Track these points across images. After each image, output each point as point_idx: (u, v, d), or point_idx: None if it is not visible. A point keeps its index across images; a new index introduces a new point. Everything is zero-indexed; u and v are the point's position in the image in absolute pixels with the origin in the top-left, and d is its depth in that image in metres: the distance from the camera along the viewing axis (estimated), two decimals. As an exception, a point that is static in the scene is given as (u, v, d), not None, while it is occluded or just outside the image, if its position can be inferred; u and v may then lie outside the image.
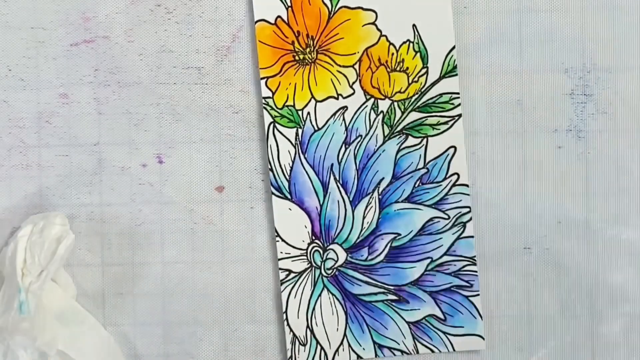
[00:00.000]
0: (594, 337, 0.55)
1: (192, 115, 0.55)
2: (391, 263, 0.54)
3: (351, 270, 0.55)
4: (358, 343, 0.54)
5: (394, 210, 0.55)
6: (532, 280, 0.55)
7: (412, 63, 0.54)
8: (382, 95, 0.54)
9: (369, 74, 0.54)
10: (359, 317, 0.54)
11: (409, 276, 0.54)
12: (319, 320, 0.54)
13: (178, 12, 0.55)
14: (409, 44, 0.54)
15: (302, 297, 0.54)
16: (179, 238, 0.55)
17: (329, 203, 0.55)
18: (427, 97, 0.54)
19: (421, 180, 0.55)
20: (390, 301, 0.54)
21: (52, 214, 0.53)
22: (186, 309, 0.55)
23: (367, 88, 0.54)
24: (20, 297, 0.50)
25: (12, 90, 0.54)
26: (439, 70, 0.54)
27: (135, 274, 0.55)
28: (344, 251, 0.55)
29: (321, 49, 0.54)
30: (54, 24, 0.54)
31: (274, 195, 0.54)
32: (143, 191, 0.55)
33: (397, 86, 0.54)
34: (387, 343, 0.54)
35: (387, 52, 0.54)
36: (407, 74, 0.54)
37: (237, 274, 0.55)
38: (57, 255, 0.51)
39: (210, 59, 0.55)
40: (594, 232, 0.55)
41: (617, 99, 0.55)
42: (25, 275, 0.51)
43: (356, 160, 0.54)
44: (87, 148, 0.55)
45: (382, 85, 0.54)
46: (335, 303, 0.55)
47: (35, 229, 0.52)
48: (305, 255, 0.55)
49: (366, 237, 0.55)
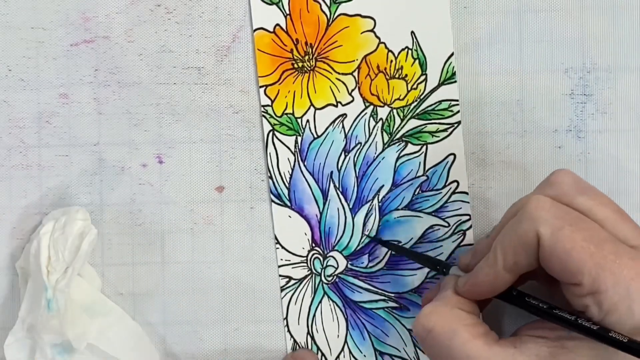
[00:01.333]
0: (593, 337, 0.55)
1: (192, 115, 0.55)
2: (391, 270, 0.54)
3: (351, 278, 0.55)
4: (359, 350, 0.54)
5: (394, 217, 0.55)
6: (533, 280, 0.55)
7: (410, 70, 0.54)
8: (382, 103, 0.54)
9: (367, 82, 0.54)
10: (359, 324, 0.55)
11: (409, 284, 0.54)
12: (319, 326, 0.55)
13: (178, 12, 0.55)
14: (407, 51, 0.54)
15: (303, 303, 0.54)
16: (179, 238, 0.55)
17: (329, 210, 0.55)
18: (426, 104, 0.54)
19: (421, 188, 0.54)
20: (391, 308, 0.54)
21: (73, 208, 0.53)
22: (186, 308, 0.55)
23: (366, 95, 0.54)
24: (47, 295, 0.50)
25: (12, 90, 0.54)
26: (437, 77, 0.54)
27: (135, 274, 0.55)
28: (344, 258, 0.55)
29: (320, 57, 0.54)
30: (54, 24, 0.54)
31: (273, 203, 0.54)
32: (143, 191, 0.55)
33: (397, 93, 0.54)
34: (388, 350, 0.55)
35: (385, 59, 0.54)
36: (406, 81, 0.54)
37: (237, 274, 0.55)
38: (82, 251, 0.51)
39: (210, 59, 0.55)
40: (594, 232, 0.55)
41: (617, 99, 0.55)
42: (51, 273, 0.51)
43: (356, 168, 0.54)
44: (87, 148, 0.55)
45: (381, 93, 0.54)
46: (335, 310, 0.55)
47: (57, 225, 0.52)
48: (305, 263, 0.55)
49: (366, 244, 0.55)
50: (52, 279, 0.50)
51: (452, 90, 0.54)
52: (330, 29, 0.54)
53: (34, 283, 0.51)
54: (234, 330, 0.55)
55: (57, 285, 0.50)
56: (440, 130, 0.54)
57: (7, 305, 0.54)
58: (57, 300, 0.50)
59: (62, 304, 0.50)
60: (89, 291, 0.53)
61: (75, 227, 0.52)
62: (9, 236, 0.54)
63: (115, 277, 0.55)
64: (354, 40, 0.54)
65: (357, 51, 0.54)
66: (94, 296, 0.53)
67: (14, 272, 0.54)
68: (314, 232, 0.55)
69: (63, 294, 0.50)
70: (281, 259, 0.55)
